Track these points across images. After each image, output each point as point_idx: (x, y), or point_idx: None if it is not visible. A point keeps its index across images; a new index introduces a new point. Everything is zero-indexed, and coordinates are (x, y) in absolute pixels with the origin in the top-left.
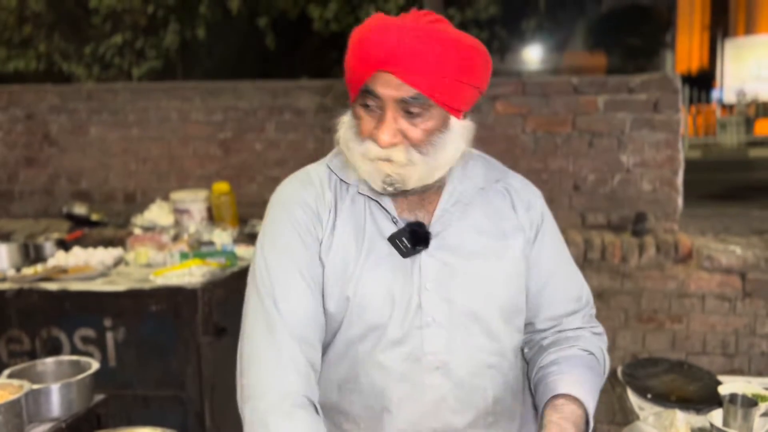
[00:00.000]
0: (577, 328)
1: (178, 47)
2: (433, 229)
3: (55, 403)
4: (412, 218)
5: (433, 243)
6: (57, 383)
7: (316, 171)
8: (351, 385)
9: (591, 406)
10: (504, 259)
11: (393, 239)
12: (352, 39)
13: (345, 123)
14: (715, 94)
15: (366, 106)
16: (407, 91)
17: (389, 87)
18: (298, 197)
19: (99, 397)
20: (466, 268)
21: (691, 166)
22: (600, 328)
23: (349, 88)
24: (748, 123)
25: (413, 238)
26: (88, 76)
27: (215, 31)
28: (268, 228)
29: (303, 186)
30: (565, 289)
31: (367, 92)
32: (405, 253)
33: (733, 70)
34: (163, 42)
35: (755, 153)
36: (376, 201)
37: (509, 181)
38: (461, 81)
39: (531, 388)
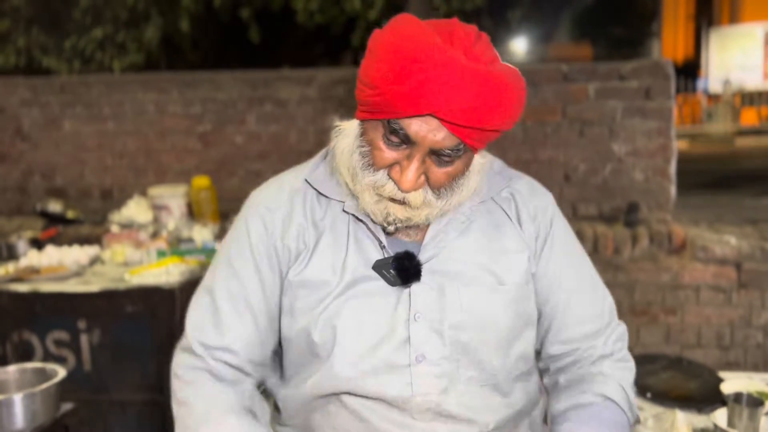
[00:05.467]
0: (598, 358)
1: (160, 41)
2: (425, 252)
3: (18, 414)
4: (403, 238)
5: (424, 268)
6: (19, 393)
7: (291, 185)
8: (326, 423)
9: None
10: (505, 283)
11: (378, 268)
12: (394, 51)
13: (347, 135)
14: (700, 83)
15: (389, 140)
16: (449, 141)
17: (429, 132)
18: (266, 217)
19: (67, 407)
20: (461, 296)
21: (679, 155)
22: (626, 352)
23: (366, 102)
24: (734, 112)
25: (402, 274)
26: (69, 71)
27: (198, 25)
28: (228, 242)
29: (275, 201)
30: (580, 306)
31: (397, 130)
32: (393, 282)
33: (718, 59)
34: (144, 35)
35: (742, 142)
36: (363, 222)
37: (515, 187)
38: (503, 129)
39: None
